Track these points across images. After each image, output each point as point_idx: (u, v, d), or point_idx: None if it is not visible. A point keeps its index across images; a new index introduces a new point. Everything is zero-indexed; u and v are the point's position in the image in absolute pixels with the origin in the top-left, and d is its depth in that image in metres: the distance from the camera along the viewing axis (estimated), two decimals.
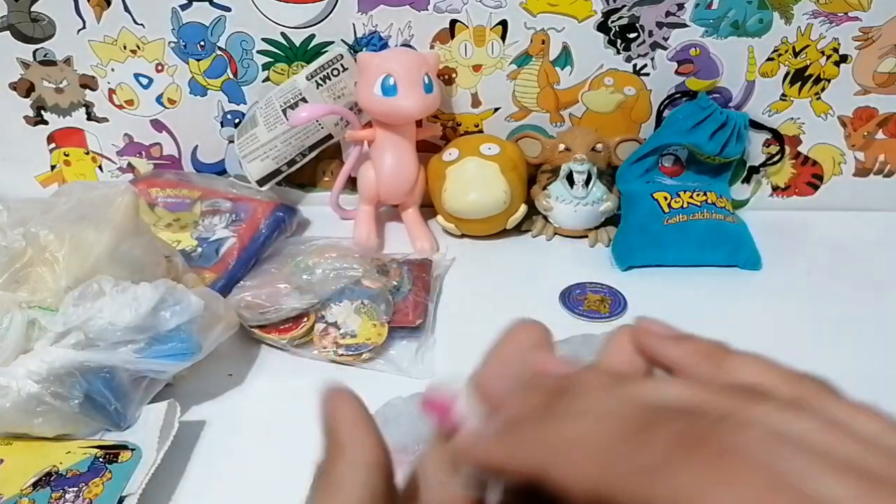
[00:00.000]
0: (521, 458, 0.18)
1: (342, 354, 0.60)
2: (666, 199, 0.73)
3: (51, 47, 0.76)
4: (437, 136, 0.79)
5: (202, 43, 0.75)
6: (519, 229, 0.78)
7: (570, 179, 0.74)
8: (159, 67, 0.77)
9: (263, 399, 0.58)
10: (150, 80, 0.78)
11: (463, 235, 0.78)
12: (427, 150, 0.79)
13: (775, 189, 0.81)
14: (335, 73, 0.73)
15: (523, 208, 0.76)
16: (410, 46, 0.74)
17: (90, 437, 0.52)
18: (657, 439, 0.15)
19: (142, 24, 0.74)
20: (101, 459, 0.49)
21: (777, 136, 0.77)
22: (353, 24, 0.73)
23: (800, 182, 0.81)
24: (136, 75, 0.78)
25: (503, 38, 0.74)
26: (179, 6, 0.73)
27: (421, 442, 0.44)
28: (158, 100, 0.79)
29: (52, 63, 0.77)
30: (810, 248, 0.76)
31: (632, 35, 0.73)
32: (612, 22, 0.72)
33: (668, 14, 0.71)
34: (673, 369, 0.20)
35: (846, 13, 0.71)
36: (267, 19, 0.73)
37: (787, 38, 0.72)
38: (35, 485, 0.47)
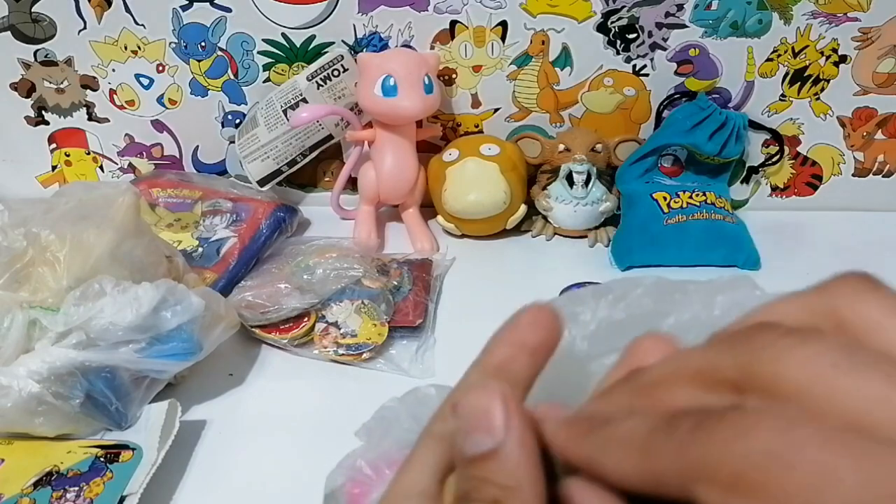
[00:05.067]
0: (581, 452, 0.20)
1: (343, 354, 0.60)
2: (665, 199, 0.73)
3: (52, 48, 0.76)
4: (437, 137, 0.80)
5: (203, 43, 0.75)
6: (519, 229, 0.78)
7: (569, 180, 0.74)
8: (160, 68, 0.77)
9: (264, 398, 0.58)
10: (151, 81, 0.78)
11: (463, 235, 0.78)
12: (427, 150, 0.80)
13: (774, 189, 0.81)
14: (336, 73, 0.73)
15: (523, 208, 0.76)
16: (411, 47, 0.75)
17: (91, 436, 0.52)
18: (682, 426, 0.18)
19: (143, 25, 0.74)
20: (101, 459, 0.49)
21: (776, 137, 0.77)
22: (354, 25, 0.73)
23: (799, 182, 0.81)
24: (137, 76, 0.78)
25: (503, 38, 0.74)
26: (180, 7, 0.73)
27: None
28: (159, 100, 0.79)
29: (53, 63, 0.77)
30: (809, 248, 0.76)
31: (631, 36, 0.73)
32: (612, 23, 0.72)
33: (667, 15, 0.71)
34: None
35: (845, 14, 0.71)
36: (267, 20, 0.73)
37: (786, 38, 0.72)
38: (36, 484, 0.47)
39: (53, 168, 0.84)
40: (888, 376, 0.16)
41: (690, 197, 0.74)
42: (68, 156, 0.83)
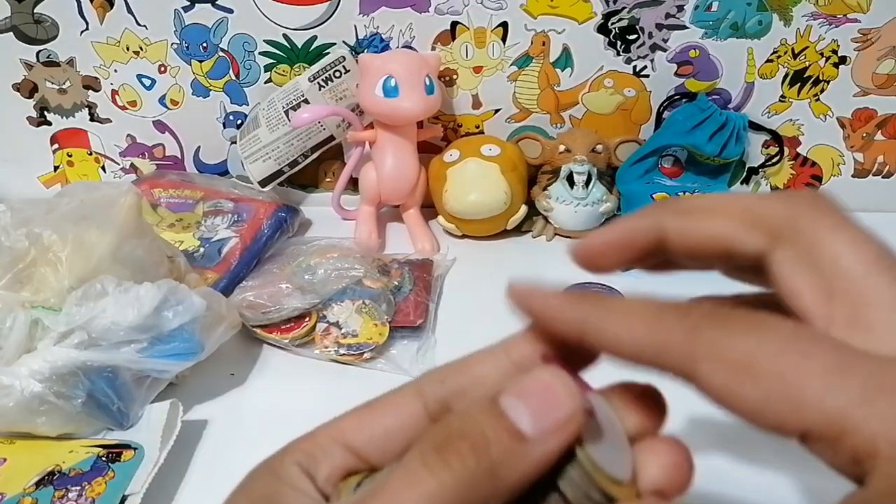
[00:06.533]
0: (577, 314, 0.22)
1: (343, 354, 0.61)
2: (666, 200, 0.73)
3: (54, 48, 0.76)
4: (438, 138, 0.80)
5: (205, 44, 0.76)
6: (519, 230, 0.78)
7: (570, 180, 0.74)
8: (162, 68, 0.77)
9: (265, 398, 0.58)
10: (153, 81, 0.78)
11: (464, 236, 0.78)
12: (428, 151, 0.80)
13: (774, 190, 0.82)
14: (337, 74, 0.73)
15: (524, 209, 0.76)
16: (412, 48, 0.75)
17: (93, 436, 0.52)
18: (693, 313, 0.20)
19: (144, 26, 0.75)
20: (103, 458, 0.49)
21: (776, 138, 0.77)
22: (355, 26, 0.74)
23: (799, 183, 0.81)
24: (139, 76, 0.78)
25: (504, 39, 0.74)
26: (182, 8, 0.73)
27: None
28: (161, 101, 0.79)
29: (56, 64, 0.77)
30: None
31: (632, 37, 0.73)
32: (612, 24, 0.72)
33: (667, 16, 0.72)
34: None
35: (845, 15, 0.71)
36: (269, 21, 0.73)
37: (786, 39, 0.72)
38: (38, 483, 0.47)
39: (55, 168, 0.84)
40: None
41: None
42: (70, 156, 0.84)
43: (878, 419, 0.17)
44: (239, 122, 0.80)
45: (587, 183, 0.74)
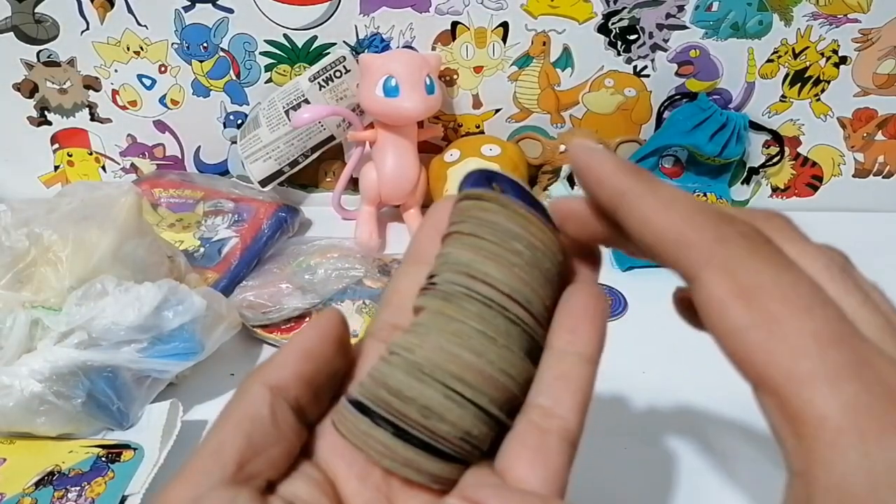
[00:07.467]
0: (621, 184, 0.22)
1: None
2: None
3: (54, 48, 0.76)
4: (438, 137, 0.80)
5: (205, 44, 0.76)
6: None
7: (570, 180, 0.74)
8: (162, 68, 0.77)
9: None
10: (154, 81, 0.78)
11: None
12: (428, 150, 0.80)
13: (775, 190, 0.82)
14: (338, 74, 0.73)
15: None
16: (412, 48, 0.75)
17: (93, 436, 0.52)
18: (732, 227, 0.20)
19: (145, 26, 0.75)
20: (103, 459, 0.49)
21: (777, 138, 0.77)
22: (355, 26, 0.74)
23: (799, 183, 0.81)
24: (140, 76, 0.78)
25: (504, 39, 0.74)
26: (182, 8, 0.73)
27: None
28: (161, 101, 0.79)
29: (56, 64, 0.77)
30: None
31: (632, 37, 0.73)
32: (613, 24, 0.72)
33: (668, 16, 0.72)
34: None
35: (846, 15, 0.71)
36: (269, 21, 0.74)
37: (786, 39, 0.72)
38: (38, 484, 0.47)
39: (56, 168, 0.84)
40: (860, 305, 0.20)
41: None
42: (71, 156, 0.84)
43: (837, 401, 0.17)
44: (239, 121, 0.80)
45: None
